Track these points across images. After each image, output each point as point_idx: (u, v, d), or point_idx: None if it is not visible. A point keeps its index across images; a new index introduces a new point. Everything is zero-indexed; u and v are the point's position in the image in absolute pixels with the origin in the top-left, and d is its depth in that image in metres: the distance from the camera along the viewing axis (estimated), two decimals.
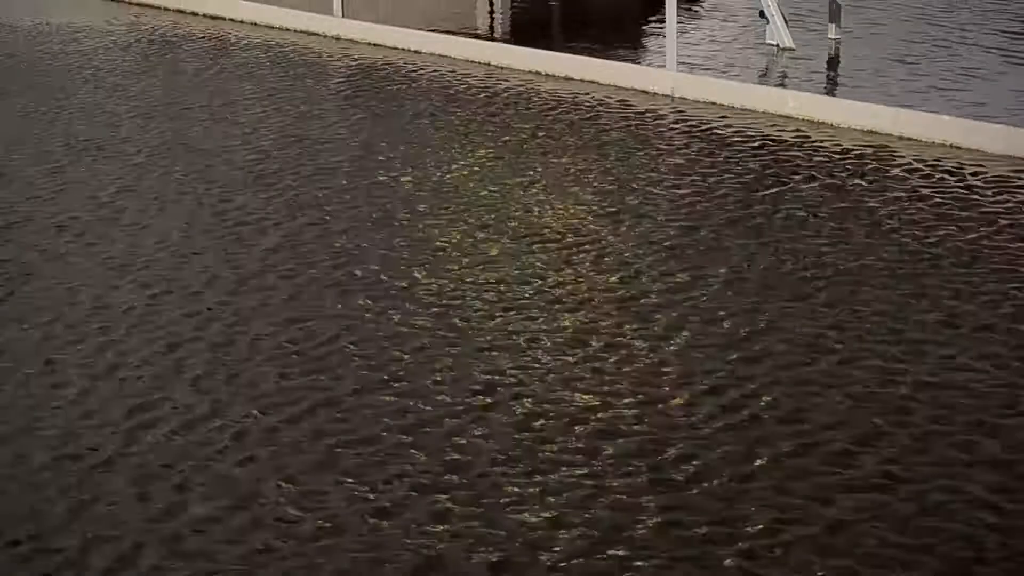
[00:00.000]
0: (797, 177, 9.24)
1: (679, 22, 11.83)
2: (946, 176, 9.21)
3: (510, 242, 8.09)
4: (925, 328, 6.83)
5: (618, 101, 11.15)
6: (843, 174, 9.28)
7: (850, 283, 7.40)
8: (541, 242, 8.08)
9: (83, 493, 5.40)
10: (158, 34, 13.79)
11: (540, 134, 10.27)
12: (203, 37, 13.60)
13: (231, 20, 14.25)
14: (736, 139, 10.15)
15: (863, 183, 9.07)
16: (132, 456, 5.69)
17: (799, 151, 9.84)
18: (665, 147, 10.02)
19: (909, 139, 9.98)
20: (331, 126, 10.50)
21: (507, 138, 10.17)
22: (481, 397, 6.15)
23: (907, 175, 9.24)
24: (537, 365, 6.45)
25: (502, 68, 12.20)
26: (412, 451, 5.68)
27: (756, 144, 10.01)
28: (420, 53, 12.77)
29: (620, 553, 4.95)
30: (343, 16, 13.68)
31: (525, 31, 14.19)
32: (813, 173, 9.30)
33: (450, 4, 15.24)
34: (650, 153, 9.85)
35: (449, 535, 5.08)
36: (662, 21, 11.93)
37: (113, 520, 5.21)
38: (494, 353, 6.58)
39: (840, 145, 9.91)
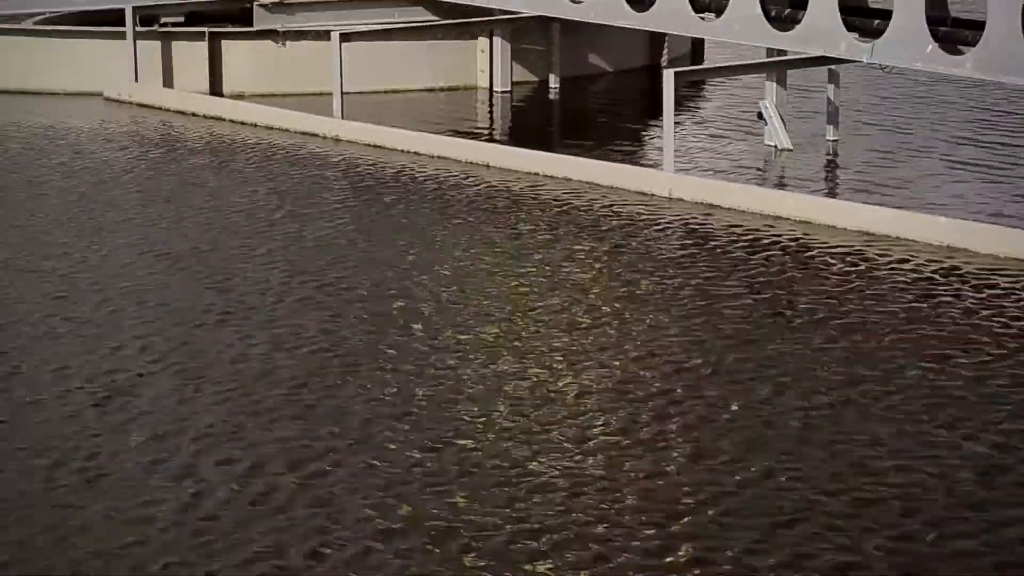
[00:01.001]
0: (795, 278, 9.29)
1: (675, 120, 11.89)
2: (954, 278, 9.27)
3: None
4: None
5: (616, 202, 11.18)
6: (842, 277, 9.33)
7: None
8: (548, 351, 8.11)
9: None
10: (166, 137, 13.83)
11: (539, 236, 10.31)
12: (208, 140, 13.63)
13: (232, 121, 14.31)
14: (733, 241, 10.18)
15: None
16: None
17: (797, 252, 9.88)
18: (662, 249, 10.04)
19: (906, 240, 10.02)
20: (340, 232, 10.48)
21: (507, 241, 10.21)
22: None
23: (914, 276, 9.30)
24: None
25: (501, 169, 12.24)
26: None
27: (754, 246, 10.04)
28: (419, 154, 12.81)
29: None
30: (343, 117, 13.76)
31: (523, 132, 14.26)
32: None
33: (450, 105, 15.33)
34: (647, 255, 9.88)
35: None
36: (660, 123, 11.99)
37: None
38: None
39: (838, 245, 9.95)
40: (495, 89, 15.72)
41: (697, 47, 17.80)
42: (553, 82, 16.05)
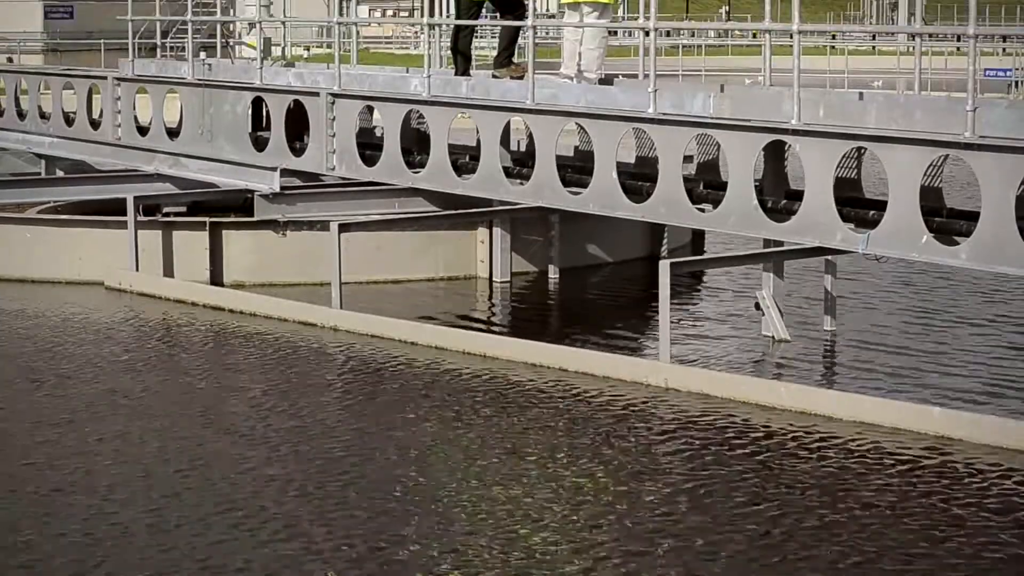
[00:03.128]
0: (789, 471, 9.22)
1: (672, 310, 11.88)
2: (951, 466, 9.19)
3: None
4: None
5: (613, 393, 11.14)
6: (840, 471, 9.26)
7: None
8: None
9: None
10: (165, 328, 13.82)
11: (534, 429, 10.24)
12: (206, 331, 13.60)
13: (231, 311, 14.32)
14: (728, 432, 10.11)
15: None
16: None
17: (791, 443, 9.81)
18: (657, 442, 9.97)
19: (900, 429, 9.96)
20: (336, 430, 10.37)
21: (502, 436, 10.13)
22: None
23: (909, 465, 9.23)
24: None
25: (498, 359, 12.21)
26: None
27: (749, 437, 9.97)
28: (417, 345, 12.80)
29: None
30: (341, 308, 13.77)
31: (521, 323, 14.26)
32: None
33: (449, 295, 15.35)
34: (643, 447, 9.81)
35: None
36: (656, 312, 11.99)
37: None
38: None
39: (833, 437, 9.88)
40: (495, 279, 15.76)
41: (698, 237, 17.89)
42: (552, 272, 16.08)
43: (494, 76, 15.80)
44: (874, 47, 61.43)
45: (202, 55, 19.56)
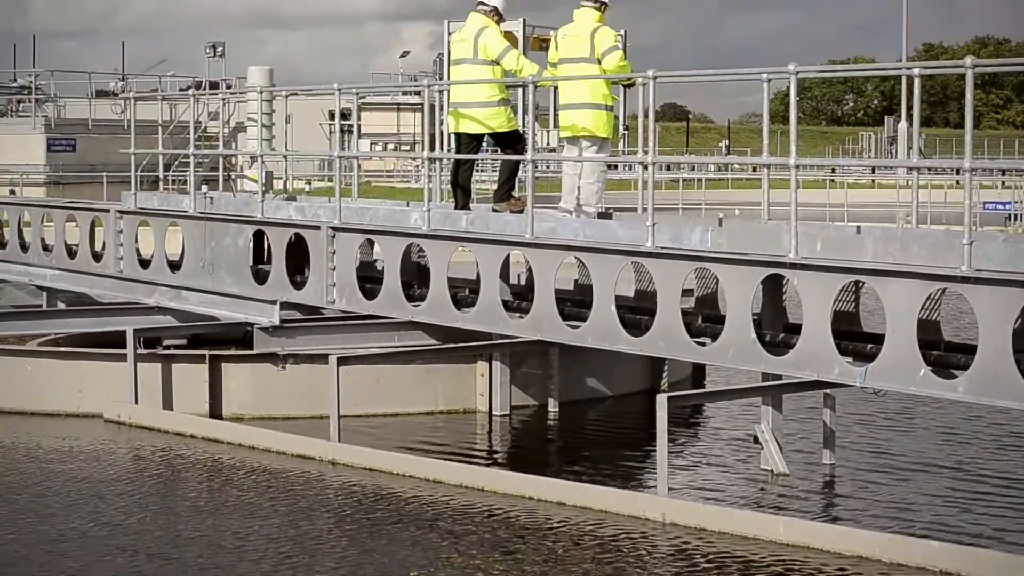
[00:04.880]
0: None
1: (671, 444, 11.84)
2: None
3: None
4: None
5: (610, 527, 11.08)
6: None
7: None
8: None
9: None
10: (163, 462, 13.77)
11: (531, 564, 10.18)
12: (205, 465, 13.55)
13: (230, 443, 14.29)
14: (727, 568, 10.04)
15: None
16: None
17: None
18: None
19: (901, 564, 9.90)
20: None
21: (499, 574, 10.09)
22: None
23: None
24: None
25: (496, 493, 12.16)
26: None
27: (746, 574, 9.91)
28: (415, 478, 12.75)
29: None
30: (339, 441, 13.74)
31: (520, 456, 14.22)
32: None
33: (448, 429, 15.32)
34: None
35: None
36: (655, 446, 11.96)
37: None
38: None
39: (833, 572, 9.81)
40: (494, 413, 15.73)
41: (698, 370, 17.88)
42: (552, 406, 16.06)
43: (494, 210, 15.89)
44: (873, 181, 61.80)
45: (204, 188, 19.68)
